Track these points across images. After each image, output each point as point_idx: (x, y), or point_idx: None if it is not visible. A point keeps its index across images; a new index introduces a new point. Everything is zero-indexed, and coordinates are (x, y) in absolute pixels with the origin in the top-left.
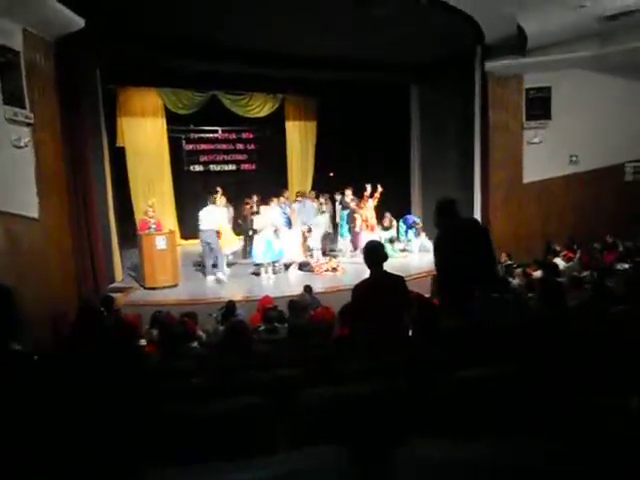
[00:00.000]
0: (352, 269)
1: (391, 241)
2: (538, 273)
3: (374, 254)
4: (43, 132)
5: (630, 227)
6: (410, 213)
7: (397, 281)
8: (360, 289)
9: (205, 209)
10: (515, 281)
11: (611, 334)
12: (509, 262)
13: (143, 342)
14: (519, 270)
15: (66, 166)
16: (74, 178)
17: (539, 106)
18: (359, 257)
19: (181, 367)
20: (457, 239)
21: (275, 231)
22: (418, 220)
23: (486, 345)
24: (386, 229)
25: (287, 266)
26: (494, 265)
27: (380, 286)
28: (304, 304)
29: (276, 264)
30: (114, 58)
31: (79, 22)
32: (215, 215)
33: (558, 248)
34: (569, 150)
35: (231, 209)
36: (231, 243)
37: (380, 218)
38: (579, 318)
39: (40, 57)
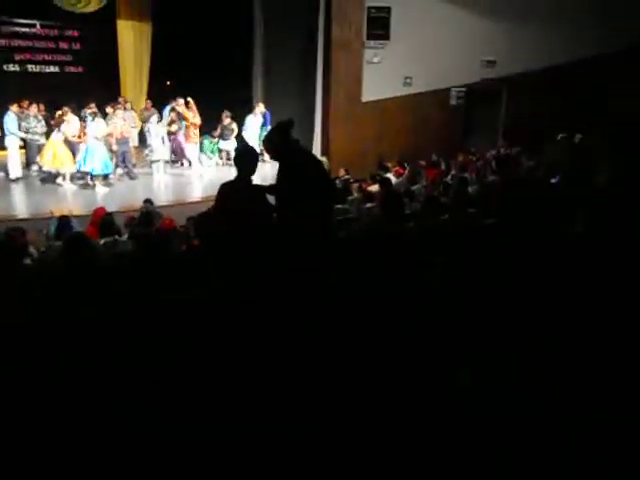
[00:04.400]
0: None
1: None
2: (373, 187)
3: (247, 159)
4: None
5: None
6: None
7: (260, 189)
8: (227, 188)
9: None
10: (354, 195)
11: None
12: (347, 177)
13: None
14: (356, 185)
15: None
16: None
17: (379, 26)
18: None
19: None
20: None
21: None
22: None
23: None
24: (226, 127)
25: None
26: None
27: (247, 190)
28: (152, 216)
29: (110, 176)
30: None
31: None
32: None
33: (389, 165)
34: (404, 72)
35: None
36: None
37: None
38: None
39: None
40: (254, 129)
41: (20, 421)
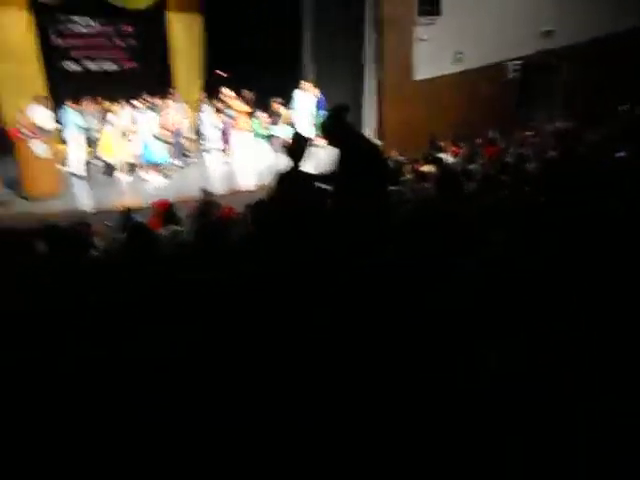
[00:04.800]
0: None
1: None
2: (426, 168)
3: (296, 147)
4: None
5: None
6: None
7: (311, 178)
8: (280, 177)
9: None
10: (407, 176)
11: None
12: (399, 158)
13: None
14: (409, 166)
15: None
16: None
17: (430, 1)
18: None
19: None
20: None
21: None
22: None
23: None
24: (276, 113)
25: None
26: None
27: (298, 178)
28: (211, 205)
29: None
30: None
31: None
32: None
33: (443, 144)
34: (456, 48)
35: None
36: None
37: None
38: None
39: None
40: (304, 106)
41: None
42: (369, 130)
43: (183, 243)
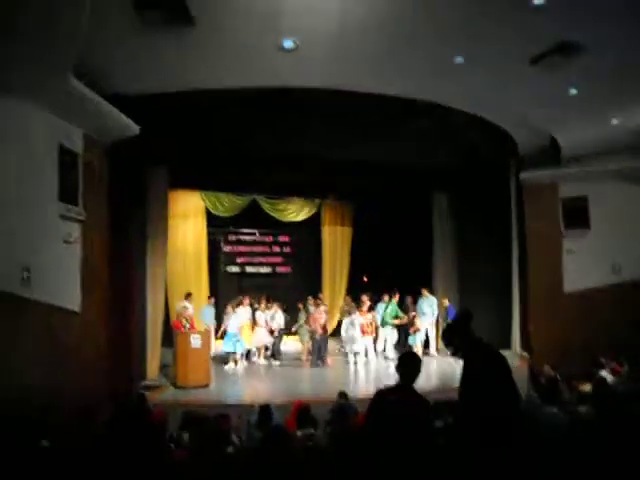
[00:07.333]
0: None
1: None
2: (586, 387)
3: (410, 366)
4: (92, 229)
5: None
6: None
7: (423, 405)
8: (383, 396)
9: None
10: (564, 395)
11: None
12: (552, 374)
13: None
14: (565, 384)
15: (110, 262)
16: (117, 274)
17: (577, 215)
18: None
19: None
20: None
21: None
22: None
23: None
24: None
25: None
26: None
27: (406, 401)
28: (348, 411)
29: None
30: (165, 163)
31: (135, 129)
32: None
33: (603, 360)
34: (610, 259)
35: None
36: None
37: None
38: None
39: (96, 158)
40: (428, 314)
41: None
42: (517, 343)
43: (316, 448)
